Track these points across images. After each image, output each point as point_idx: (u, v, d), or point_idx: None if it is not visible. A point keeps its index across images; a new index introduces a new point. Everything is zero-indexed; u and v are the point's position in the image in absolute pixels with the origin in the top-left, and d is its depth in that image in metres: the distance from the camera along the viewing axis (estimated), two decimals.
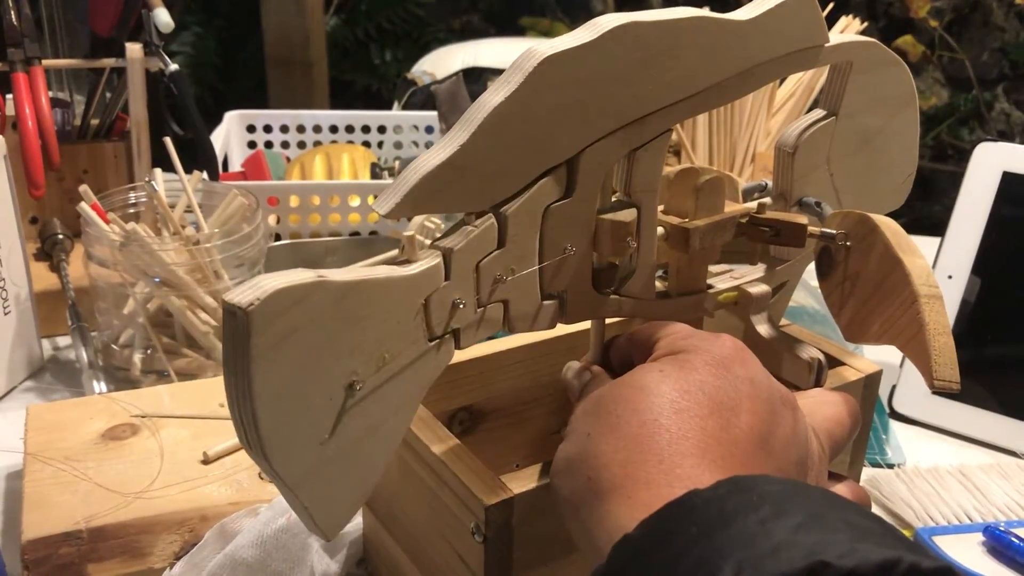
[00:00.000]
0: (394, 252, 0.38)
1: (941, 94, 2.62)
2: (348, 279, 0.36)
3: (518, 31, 2.70)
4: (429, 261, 0.39)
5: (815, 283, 0.50)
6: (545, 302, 0.44)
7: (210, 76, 2.71)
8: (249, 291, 0.33)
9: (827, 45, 0.46)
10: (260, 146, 1.21)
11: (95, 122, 0.96)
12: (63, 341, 0.85)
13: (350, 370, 0.36)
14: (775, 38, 0.44)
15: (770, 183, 0.52)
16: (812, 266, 0.50)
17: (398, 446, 0.41)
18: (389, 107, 1.53)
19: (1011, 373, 0.77)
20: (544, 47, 0.39)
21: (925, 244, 0.48)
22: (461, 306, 0.40)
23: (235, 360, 0.34)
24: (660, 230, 0.46)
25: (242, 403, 0.34)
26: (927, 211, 2.41)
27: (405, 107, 1.45)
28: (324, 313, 0.35)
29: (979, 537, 0.61)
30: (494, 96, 0.39)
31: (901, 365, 0.79)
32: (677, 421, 0.35)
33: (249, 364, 0.33)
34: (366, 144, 1.24)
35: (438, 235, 0.41)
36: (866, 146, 0.51)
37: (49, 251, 0.89)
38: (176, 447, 0.62)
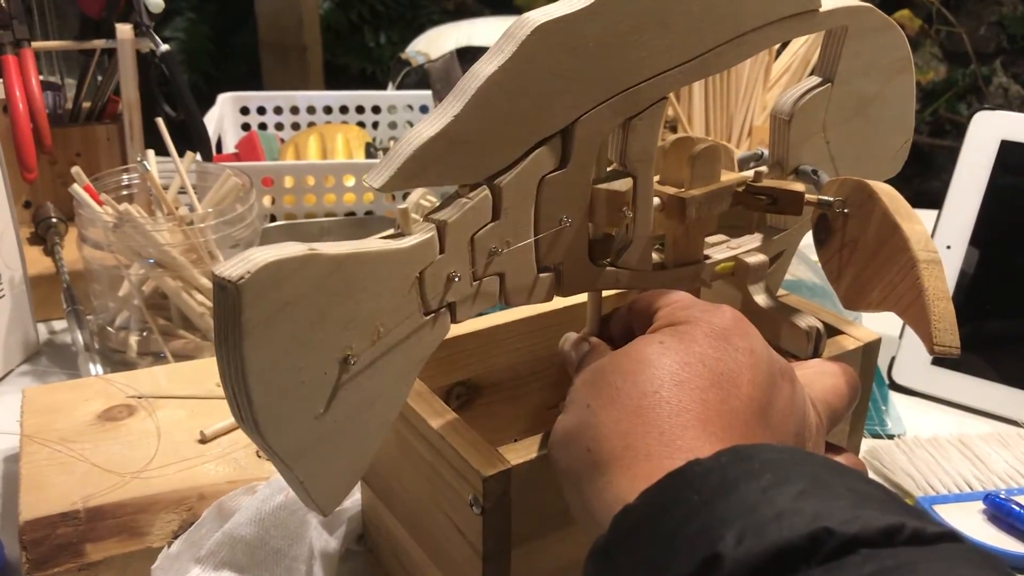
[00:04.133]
0: (391, 231, 0.39)
1: (939, 69, 2.61)
2: (340, 252, 0.35)
3: (513, 11, 2.69)
4: (423, 234, 0.38)
5: (815, 257, 0.50)
6: (541, 275, 0.43)
7: (204, 61, 2.69)
8: (240, 264, 0.33)
9: (822, 10, 0.46)
10: (254, 128, 1.21)
11: (87, 105, 0.96)
12: (59, 325, 0.84)
13: (344, 344, 0.36)
14: (767, 3, 0.44)
15: (766, 152, 0.51)
16: (810, 238, 0.50)
17: (394, 420, 0.40)
18: (384, 90, 1.53)
19: (1010, 342, 0.77)
20: (537, 15, 0.38)
21: (924, 218, 0.47)
22: (456, 279, 0.39)
23: (227, 335, 0.33)
24: (656, 200, 0.46)
25: (235, 379, 0.34)
26: (926, 186, 2.41)
27: (399, 87, 1.45)
28: (316, 286, 0.34)
29: (979, 505, 0.61)
30: (487, 66, 0.38)
31: (900, 336, 0.79)
32: (678, 393, 0.35)
33: (241, 339, 0.33)
34: (360, 125, 1.23)
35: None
36: (862, 112, 0.51)
37: (43, 235, 0.89)
38: (173, 427, 0.62)
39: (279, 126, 1.23)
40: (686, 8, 0.41)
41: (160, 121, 0.82)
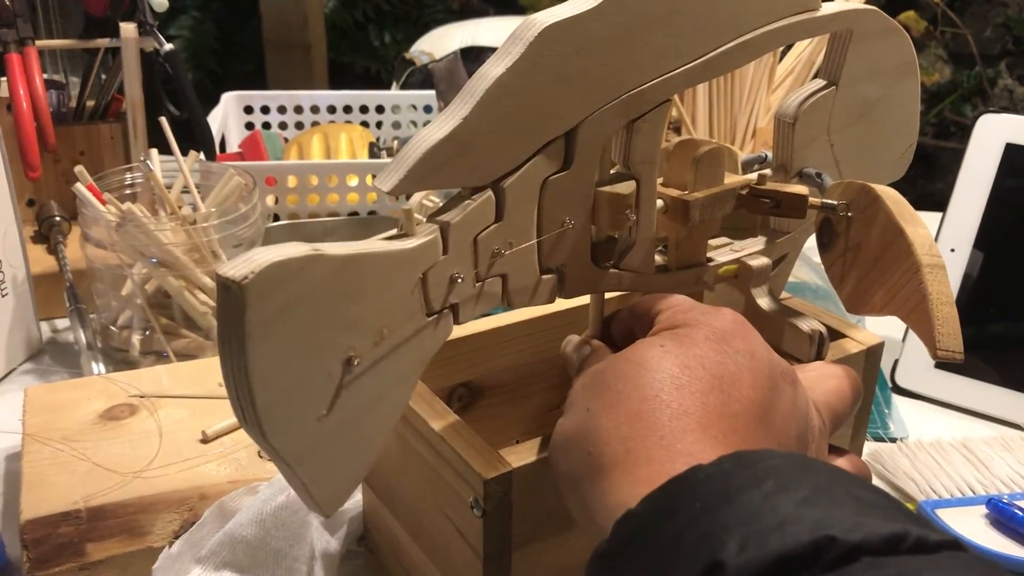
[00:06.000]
0: (394, 232, 0.39)
1: (944, 71, 2.60)
2: (344, 252, 0.35)
3: (518, 11, 2.69)
4: (427, 235, 0.38)
5: (818, 259, 0.50)
6: (544, 276, 0.43)
7: (208, 60, 2.69)
8: (243, 264, 0.32)
9: (827, 13, 0.46)
10: (258, 127, 1.21)
11: (90, 103, 0.95)
12: (61, 323, 0.84)
13: (348, 345, 0.36)
14: (768, 4, 0.44)
15: (770, 154, 0.51)
16: (814, 241, 0.50)
17: (397, 421, 0.40)
18: (388, 89, 1.52)
19: (1014, 346, 0.77)
20: (544, 16, 0.38)
21: (928, 220, 0.47)
22: (459, 280, 0.39)
23: (230, 336, 0.33)
24: (659, 203, 0.46)
25: (238, 379, 0.34)
26: (930, 188, 2.41)
27: (403, 87, 1.45)
28: (320, 287, 0.34)
29: (982, 510, 0.61)
30: (495, 67, 0.38)
31: (903, 339, 0.78)
32: (678, 397, 0.35)
33: (244, 340, 0.33)
34: (364, 124, 1.23)
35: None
36: (867, 116, 0.51)
37: (46, 233, 0.89)
38: (175, 427, 0.62)
39: (283, 125, 1.23)
40: (690, 8, 0.41)
41: (164, 120, 0.82)
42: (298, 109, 1.22)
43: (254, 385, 0.33)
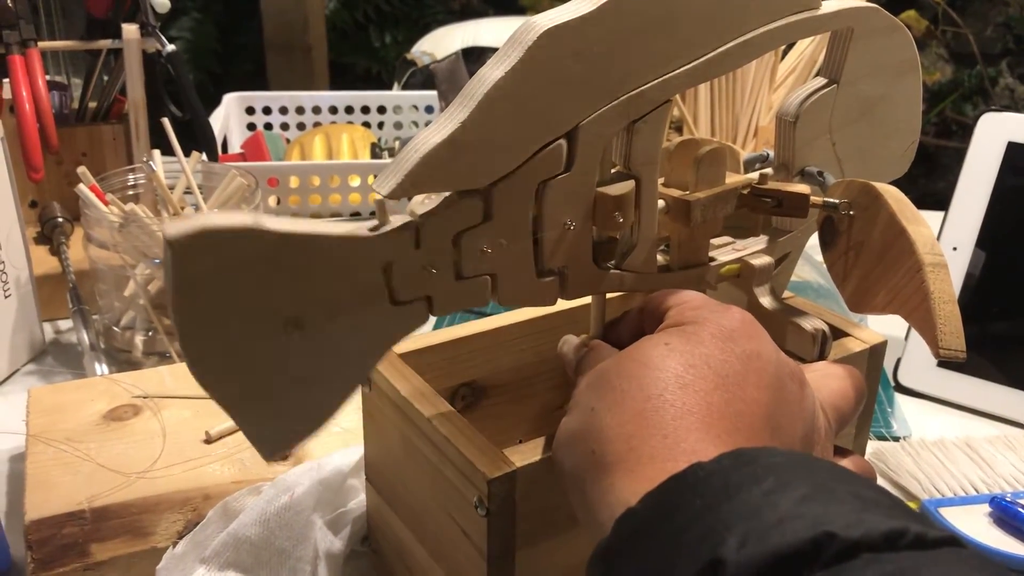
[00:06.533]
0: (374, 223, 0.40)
1: (945, 70, 2.60)
2: (286, 230, 0.36)
3: (518, 12, 2.69)
4: (392, 227, 0.39)
5: (820, 258, 0.50)
6: (545, 278, 0.43)
7: (209, 61, 2.69)
8: (183, 225, 0.34)
9: (828, 11, 0.46)
10: (259, 128, 1.21)
11: (93, 105, 0.96)
12: (64, 324, 0.85)
13: (290, 315, 0.37)
14: (768, 3, 0.44)
15: (772, 153, 0.51)
16: (816, 239, 0.50)
17: (352, 394, 0.41)
18: (389, 90, 1.53)
19: (1016, 344, 0.77)
20: (543, 20, 0.38)
21: (930, 219, 0.47)
22: (432, 273, 0.40)
23: (168, 286, 0.35)
24: (661, 203, 0.46)
25: (175, 326, 0.36)
26: (931, 187, 2.40)
27: (405, 88, 1.45)
28: (257, 257, 0.36)
29: (985, 508, 0.61)
30: (493, 71, 0.38)
31: (906, 338, 0.78)
32: (682, 396, 0.35)
33: (173, 293, 0.35)
34: (366, 125, 1.23)
35: None
36: (868, 114, 0.51)
37: (49, 234, 0.89)
38: (178, 427, 0.62)
39: (285, 126, 1.23)
40: (689, 9, 0.41)
41: (166, 121, 0.82)
42: (299, 110, 1.23)
43: (182, 333, 0.36)
